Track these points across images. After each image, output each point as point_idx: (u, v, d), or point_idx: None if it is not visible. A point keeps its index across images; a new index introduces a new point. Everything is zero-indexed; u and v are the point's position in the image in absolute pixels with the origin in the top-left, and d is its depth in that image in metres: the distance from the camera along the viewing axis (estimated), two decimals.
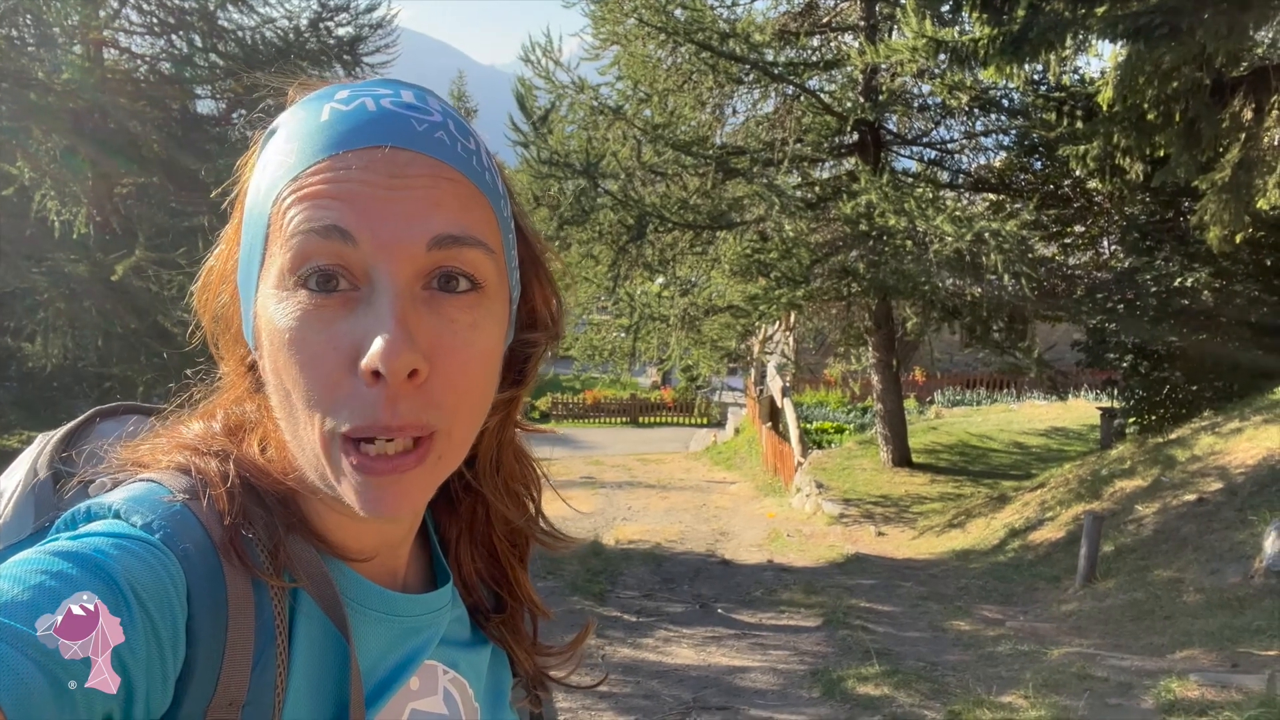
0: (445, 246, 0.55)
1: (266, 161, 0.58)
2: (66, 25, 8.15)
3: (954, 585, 8.99)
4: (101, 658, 0.45)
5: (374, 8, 9.84)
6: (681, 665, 6.01)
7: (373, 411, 0.53)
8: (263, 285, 0.57)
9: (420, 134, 0.57)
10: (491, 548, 0.75)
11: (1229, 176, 7.84)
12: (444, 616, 0.68)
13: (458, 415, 0.57)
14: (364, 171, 0.54)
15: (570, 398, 27.12)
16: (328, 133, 0.56)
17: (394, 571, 0.67)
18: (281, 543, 0.58)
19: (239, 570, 0.55)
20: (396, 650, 0.64)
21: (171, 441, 0.62)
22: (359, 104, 0.57)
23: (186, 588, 0.52)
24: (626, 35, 13.02)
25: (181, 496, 0.56)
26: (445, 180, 0.56)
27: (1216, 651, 5.46)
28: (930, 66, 11.44)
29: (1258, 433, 9.09)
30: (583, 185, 12.22)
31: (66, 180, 8.24)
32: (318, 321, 0.54)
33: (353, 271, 0.54)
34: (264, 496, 0.59)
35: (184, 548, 0.54)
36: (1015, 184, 15.11)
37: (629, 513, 13.84)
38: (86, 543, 0.50)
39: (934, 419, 18.52)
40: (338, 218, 0.54)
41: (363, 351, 0.52)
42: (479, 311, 0.57)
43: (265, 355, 0.57)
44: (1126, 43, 7.11)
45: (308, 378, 0.54)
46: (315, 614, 0.59)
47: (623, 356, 13.84)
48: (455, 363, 0.55)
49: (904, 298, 13.08)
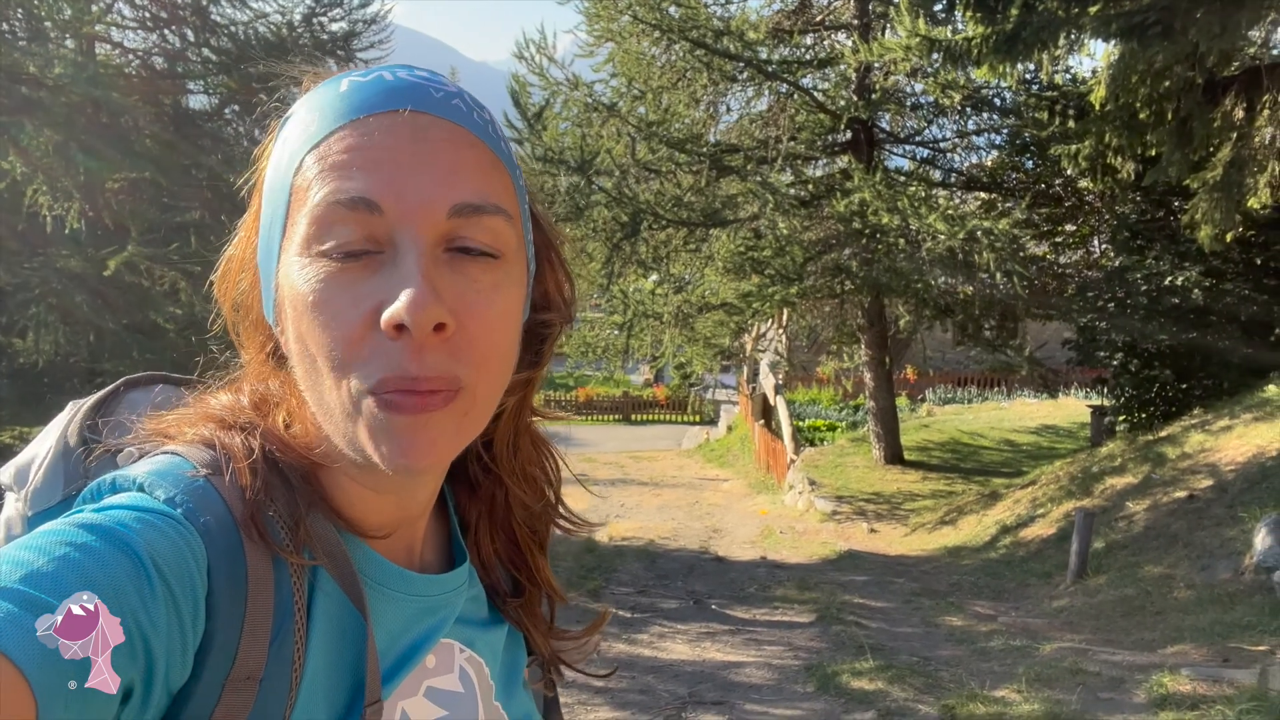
0: (466, 215, 0.56)
1: (286, 137, 0.59)
2: (59, 20, 8.09)
3: (946, 581, 9.03)
4: (102, 658, 0.45)
5: (367, 3, 9.79)
6: (676, 660, 6.02)
7: (398, 362, 0.53)
8: (284, 255, 0.57)
9: (438, 100, 0.58)
10: (511, 532, 0.75)
11: (1220, 175, 7.88)
12: (460, 595, 0.69)
13: (483, 372, 0.57)
14: (386, 135, 0.55)
15: (563, 395, 27.12)
16: (348, 100, 0.57)
17: (411, 548, 0.67)
18: (302, 520, 0.58)
19: (259, 546, 0.55)
20: (413, 628, 0.65)
21: (198, 413, 0.62)
22: (376, 76, 0.58)
23: (207, 562, 0.53)
24: (621, 32, 13.02)
25: (204, 471, 0.57)
26: (465, 145, 0.57)
27: (1207, 646, 5.50)
28: (923, 65, 11.48)
29: (1247, 430, 9.15)
30: (577, 182, 12.22)
31: (59, 175, 8.20)
32: (341, 283, 0.54)
33: (377, 237, 0.55)
34: (287, 472, 0.59)
35: (205, 522, 0.54)
36: (1007, 183, 15.17)
37: (622, 510, 13.85)
38: (110, 515, 0.51)
39: (926, 417, 18.58)
40: (363, 188, 0.54)
41: (384, 308, 0.53)
42: (499, 273, 0.58)
43: (289, 323, 0.57)
44: (1119, 42, 7.15)
45: (331, 337, 0.54)
46: (333, 591, 0.59)
47: (616, 354, 13.85)
48: (479, 321, 0.56)
49: (897, 295, 13.12)
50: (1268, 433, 8.78)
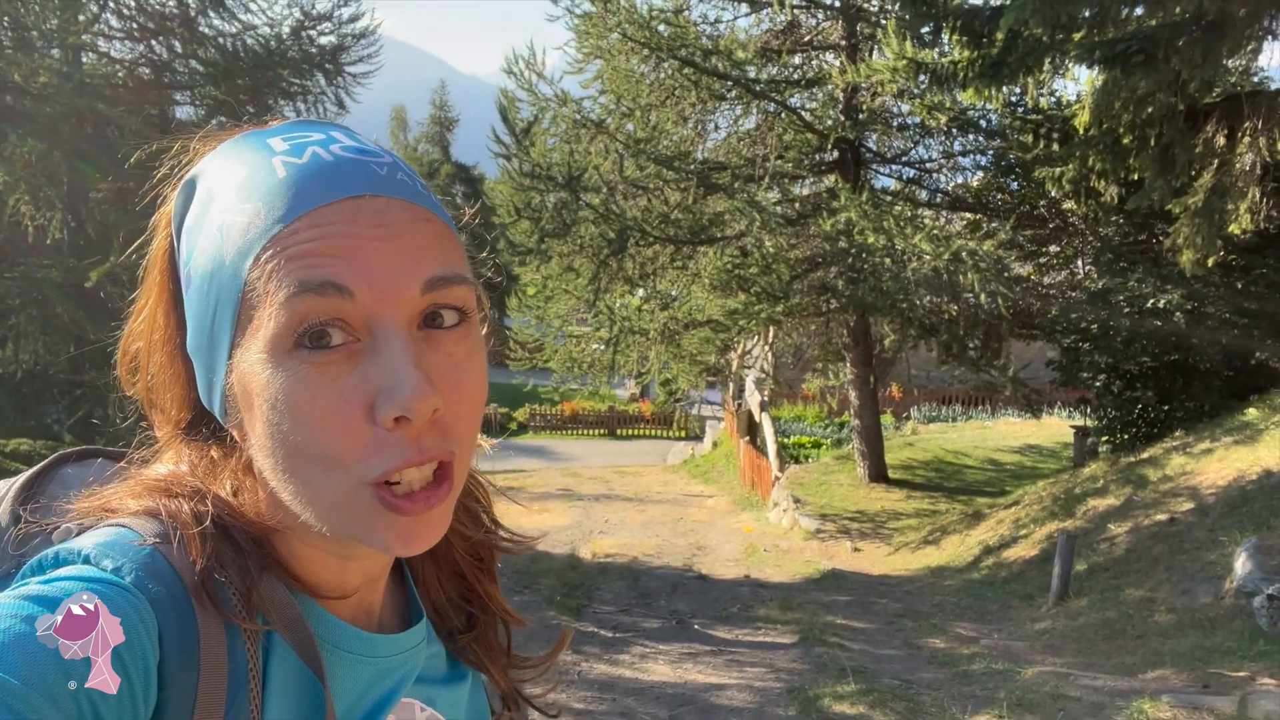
0: (437, 288, 0.56)
1: (221, 223, 0.56)
2: (45, 29, 8.05)
3: (929, 602, 9.03)
4: (102, 658, 0.45)
5: (357, 17, 9.79)
6: (658, 682, 5.99)
7: (401, 454, 0.54)
8: (242, 352, 0.55)
9: (385, 179, 0.57)
10: (456, 567, 0.75)
11: (1202, 201, 7.96)
12: (420, 654, 0.68)
13: (466, 441, 0.58)
14: (347, 224, 0.54)
15: (548, 409, 27.05)
16: (294, 188, 0.55)
17: (370, 609, 0.67)
18: (255, 585, 0.57)
19: (211, 613, 0.55)
20: (373, 690, 0.64)
21: (140, 484, 0.61)
22: (310, 154, 0.57)
23: (158, 630, 0.52)
24: (610, 50, 13.07)
25: (152, 540, 0.56)
26: (423, 222, 0.57)
27: (1188, 672, 5.52)
28: (910, 87, 11.56)
29: (1228, 453, 9.21)
30: (564, 198, 12.24)
31: (42, 185, 8.14)
32: (324, 378, 0.53)
33: (352, 324, 0.54)
34: (237, 537, 0.59)
35: (154, 590, 0.53)
36: (992, 204, 15.29)
37: (606, 526, 13.80)
38: (58, 586, 0.50)
39: (910, 435, 18.64)
40: (333, 274, 0.53)
41: (378, 400, 0.53)
42: (470, 341, 0.58)
43: (258, 420, 0.55)
44: (1103, 69, 7.22)
45: (326, 434, 0.53)
46: (290, 656, 0.58)
47: (602, 369, 13.84)
48: (462, 395, 0.57)
49: (882, 314, 13.18)
50: (1248, 456, 8.84)
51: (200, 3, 8.97)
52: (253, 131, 0.60)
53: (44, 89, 7.72)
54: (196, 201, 0.59)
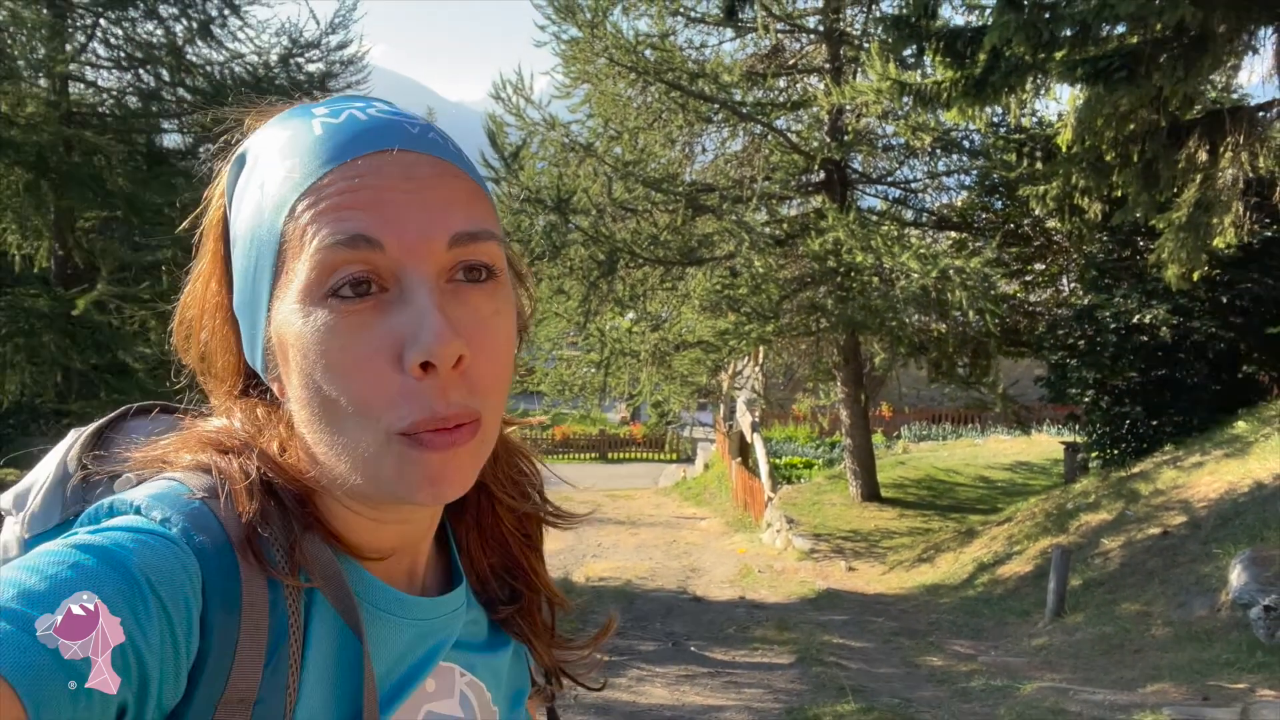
0: (463, 243, 0.57)
1: (261, 182, 0.59)
2: (32, 59, 8.05)
3: (925, 620, 9.00)
4: (102, 658, 0.46)
5: (345, 45, 9.84)
6: (655, 705, 5.93)
7: (429, 403, 0.54)
8: (279, 303, 0.57)
9: (417, 136, 0.59)
10: (503, 540, 0.76)
11: (1186, 216, 8.04)
12: (459, 617, 0.69)
13: (492, 399, 0.58)
14: (376, 176, 0.56)
15: (539, 434, 26.96)
16: (329, 144, 0.57)
17: (413, 572, 0.68)
18: (298, 542, 0.58)
19: (254, 568, 0.56)
20: (412, 652, 0.65)
21: (194, 438, 0.63)
22: (347, 115, 0.59)
23: (202, 580, 0.53)
24: (597, 74, 13.17)
25: (201, 494, 0.57)
26: (451, 177, 0.59)
27: (1186, 685, 5.50)
28: (894, 108, 11.69)
29: (1219, 467, 9.25)
30: (554, 221, 12.27)
31: (29, 214, 8.10)
32: (354, 327, 0.55)
33: (381, 275, 0.55)
34: (282, 495, 0.60)
35: (200, 542, 0.55)
36: (977, 222, 15.42)
37: (599, 549, 13.72)
38: (106, 536, 0.52)
39: (901, 454, 18.64)
40: (363, 226, 0.55)
41: (405, 348, 0.54)
42: (499, 299, 0.59)
43: (292, 372, 0.57)
44: (1085, 86, 7.31)
45: (356, 382, 0.55)
46: (330, 614, 0.59)
47: (593, 392, 13.82)
48: (487, 350, 0.57)
49: (871, 333, 13.22)
50: (1238, 469, 8.87)
51: (188, 31, 8.99)
52: (301, 105, 0.63)
53: (31, 118, 7.71)
54: (245, 169, 0.61)
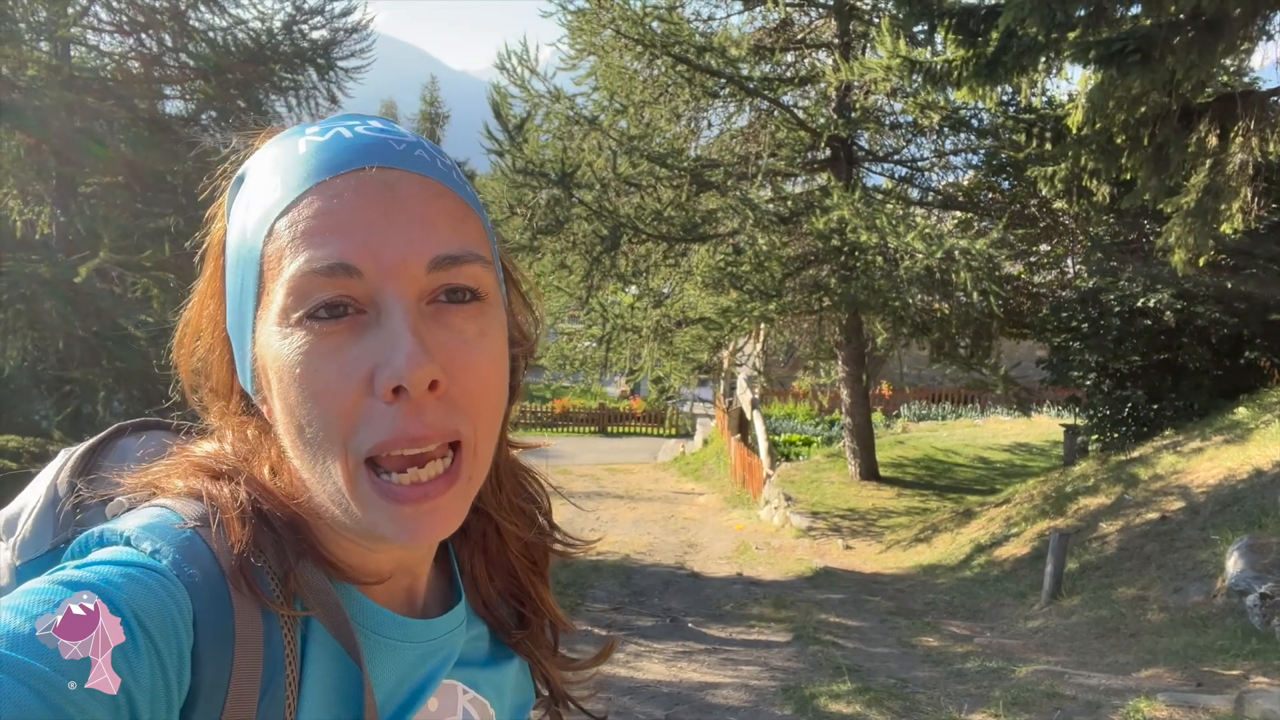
0: (445, 266, 0.56)
1: (248, 201, 0.58)
2: (33, 21, 7.96)
3: (921, 600, 9.05)
4: (102, 658, 0.45)
5: (349, 11, 9.72)
6: (653, 681, 5.97)
7: (396, 424, 0.52)
8: (261, 325, 0.56)
9: (401, 153, 0.57)
10: (509, 566, 0.75)
11: (1195, 200, 7.98)
12: (459, 636, 0.68)
13: (479, 423, 0.57)
14: (355, 196, 0.55)
15: (538, 406, 27.00)
16: (310, 162, 0.56)
17: (413, 591, 0.67)
18: (292, 570, 0.57)
19: (248, 598, 0.55)
20: (414, 674, 0.64)
21: (185, 463, 0.62)
22: (334, 134, 0.58)
23: (193, 614, 0.52)
24: (603, 46, 13.03)
25: (192, 523, 0.56)
26: (434, 196, 0.57)
27: (1181, 670, 5.54)
28: (903, 86, 11.56)
29: (1218, 453, 9.26)
30: (557, 195, 12.19)
31: (30, 180, 8.05)
32: (326, 350, 0.54)
33: (358, 300, 0.54)
34: (274, 522, 0.59)
35: (191, 574, 0.53)
36: (983, 202, 15.32)
37: (598, 523, 13.77)
38: (93, 571, 0.51)
39: (900, 433, 18.68)
40: (339, 252, 0.54)
41: (378, 372, 0.52)
42: (485, 320, 0.57)
43: (274, 394, 0.56)
44: (1098, 68, 7.23)
45: (324, 408, 0.54)
46: (328, 642, 0.58)
47: (594, 367, 13.80)
48: (471, 372, 0.56)
49: (874, 313, 13.19)
50: (1238, 455, 8.88)
51: None
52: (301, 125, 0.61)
53: (32, 82, 7.64)
54: (242, 188, 0.60)
